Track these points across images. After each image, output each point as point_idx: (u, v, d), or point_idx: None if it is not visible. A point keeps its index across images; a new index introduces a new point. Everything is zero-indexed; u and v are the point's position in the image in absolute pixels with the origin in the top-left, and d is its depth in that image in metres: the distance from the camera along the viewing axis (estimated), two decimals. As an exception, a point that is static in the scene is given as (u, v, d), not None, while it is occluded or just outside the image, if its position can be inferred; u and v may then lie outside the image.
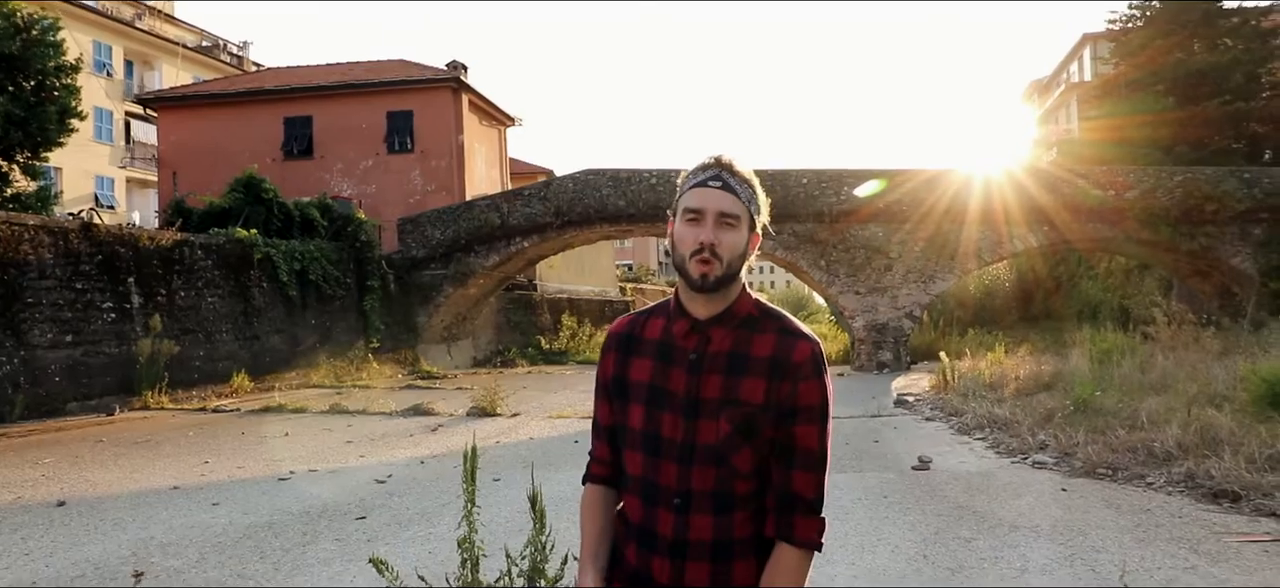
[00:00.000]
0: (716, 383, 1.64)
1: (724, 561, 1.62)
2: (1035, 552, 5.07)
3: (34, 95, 17.24)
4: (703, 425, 1.63)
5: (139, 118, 35.29)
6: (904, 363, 20.90)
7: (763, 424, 1.62)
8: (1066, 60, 49.34)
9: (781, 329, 1.67)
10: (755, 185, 1.70)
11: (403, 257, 23.32)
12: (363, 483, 7.80)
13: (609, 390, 1.78)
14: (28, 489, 7.65)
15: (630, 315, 1.81)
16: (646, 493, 1.68)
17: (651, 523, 1.67)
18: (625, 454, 1.73)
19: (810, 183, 21.69)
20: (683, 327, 1.69)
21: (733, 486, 1.63)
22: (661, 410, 1.67)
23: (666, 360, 1.68)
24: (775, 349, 1.65)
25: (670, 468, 1.65)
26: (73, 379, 13.78)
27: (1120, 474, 6.99)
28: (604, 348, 1.81)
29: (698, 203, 1.65)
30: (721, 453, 1.62)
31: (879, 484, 7.27)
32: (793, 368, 1.63)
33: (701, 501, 1.63)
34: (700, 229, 1.63)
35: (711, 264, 1.62)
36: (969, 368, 14.38)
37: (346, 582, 4.84)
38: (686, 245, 1.64)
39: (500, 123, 32.32)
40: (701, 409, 1.64)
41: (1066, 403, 9.47)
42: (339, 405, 13.74)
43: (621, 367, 1.74)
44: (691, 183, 1.69)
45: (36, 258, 13.53)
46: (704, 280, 1.62)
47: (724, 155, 1.70)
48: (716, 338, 1.66)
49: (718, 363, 1.65)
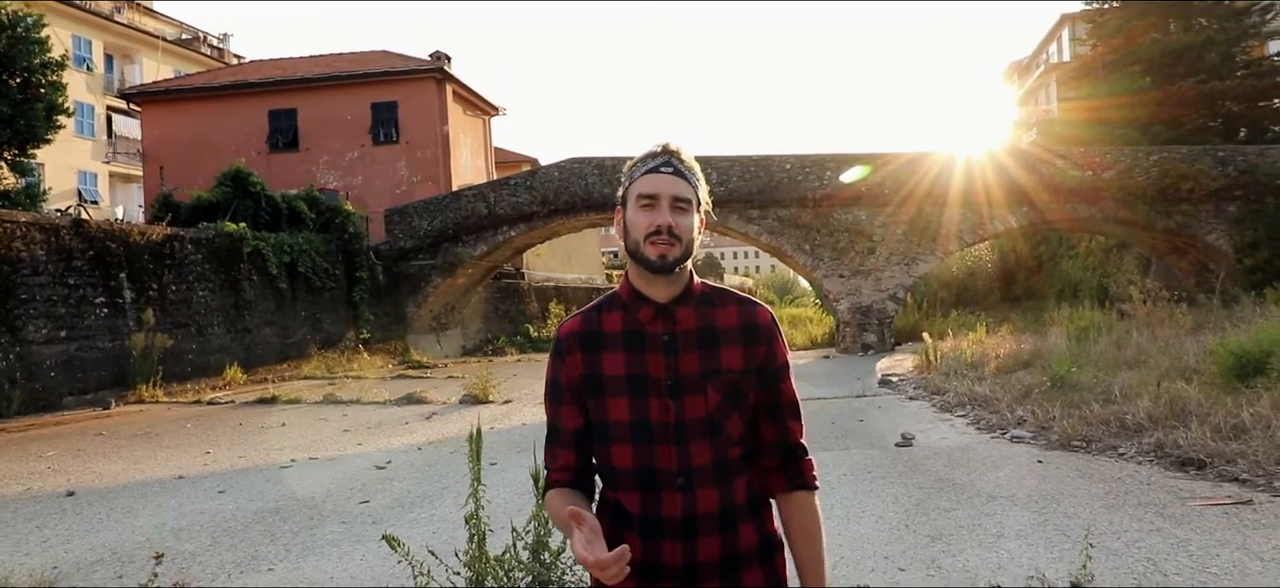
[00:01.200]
0: (694, 359, 1.68)
1: (731, 530, 1.66)
2: (1011, 519, 5.35)
3: (20, 93, 17.23)
4: (689, 402, 1.66)
5: (121, 112, 35.09)
6: (888, 344, 21.24)
7: (747, 388, 1.70)
8: (1045, 41, 49.76)
9: (739, 300, 1.76)
10: (699, 171, 1.76)
11: (391, 248, 23.44)
12: (363, 469, 8.01)
13: (577, 392, 1.74)
14: (36, 481, 7.82)
15: (578, 314, 1.81)
16: (645, 481, 1.67)
17: (655, 509, 1.66)
18: (612, 450, 1.71)
19: (793, 168, 21.95)
20: (648, 313, 1.71)
21: (727, 454, 1.67)
22: (646, 397, 1.68)
23: (639, 348, 1.70)
24: (740, 317, 1.73)
25: (668, 451, 1.66)
26: (68, 374, 13.89)
27: (1094, 446, 7.30)
28: (558, 350, 1.78)
29: (652, 188, 1.68)
30: (715, 423, 1.66)
31: (864, 461, 7.55)
32: (762, 331, 1.73)
33: (704, 475, 1.65)
34: (656, 213, 1.66)
35: (672, 245, 1.66)
36: (951, 348, 14.70)
37: (356, 561, 5.06)
38: (641, 229, 1.67)
39: (484, 112, 32.39)
40: (685, 386, 1.67)
41: (1043, 380, 9.79)
42: (332, 396, 13.91)
43: (590, 364, 1.73)
44: (643, 170, 1.71)
45: (29, 255, 13.60)
46: (662, 260, 1.65)
47: (671, 143, 1.74)
48: (682, 317, 1.71)
49: (691, 340, 1.69)
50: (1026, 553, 4.59)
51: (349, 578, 4.73)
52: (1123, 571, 4.24)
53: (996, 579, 4.07)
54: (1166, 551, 4.54)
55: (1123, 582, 4.06)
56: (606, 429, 1.71)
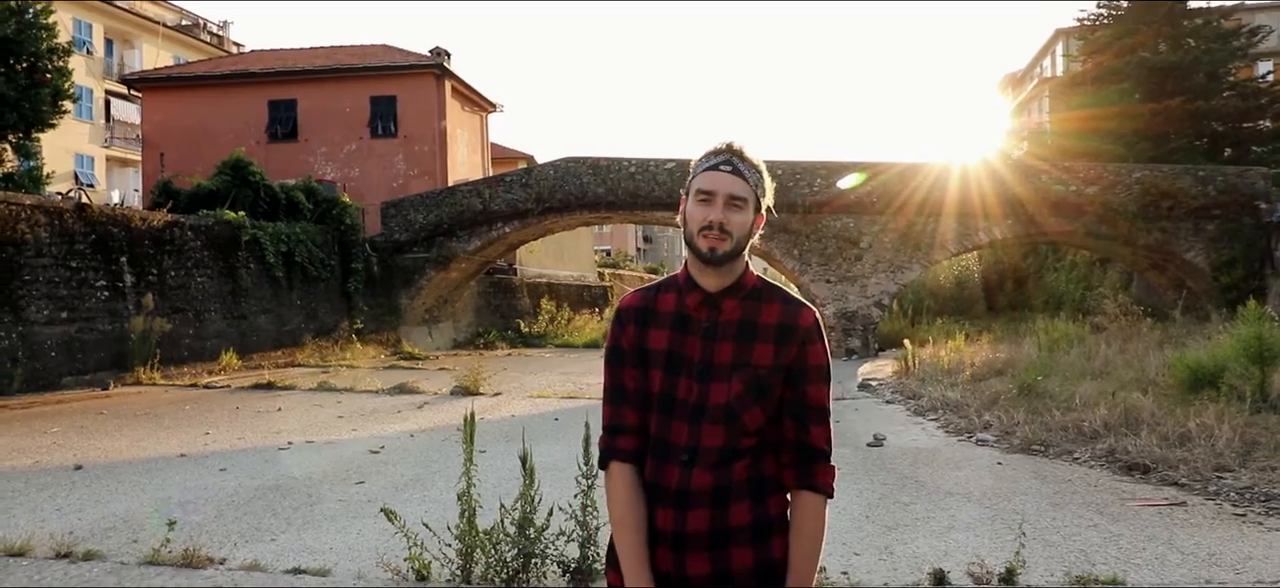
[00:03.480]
0: (728, 349, 1.79)
1: (721, 505, 1.74)
2: (963, 513, 5.76)
3: (26, 77, 17.51)
4: (714, 388, 1.76)
5: (119, 96, 35.30)
6: (872, 350, 21.67)
7: (772, 385, 1.77)
8: (1040, 54, 50.29)
9: (785, 300, 1.84)
10: (763, 171, 1.86)
11: (386, 240, 23.77)
12: (358, 453, 8.37)
13: (634, 356, 1.86)
14: (43, 455, 8.17)
15: (640, 290, 1.94)
16: (658, 451, 1.80)
17: (659, 477, 1.78)
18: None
19: (784, 174, 22.34)
20: (696, 299, 1.83)
21: (738, 441, 1.76)
22: (677, 375, 1.79)
23: (682, 330, 1.82)
24: (782, 317, 1.81)
25: (681, 427, 1.77)
26: (68, 355, 14.20)
27: (1052, 450, 7.72)
28: (619, 320, 1.91)
29: (710, 185, 1.79)
30: (733, 411, 1.75)
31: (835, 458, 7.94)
32: (800, 333, 1.80)
33: (708, 456, 1.75)
34: (710, 209, 1.77)
35: (722, 240, 1.76)
36: (930, 355, 15.13)
37: (353, 535, 5.43)
38: (696, 222, 1.78)
39: (482, 109, 32.72)
40: (714, 373, 1.77)
41: (1011, 388, 10.21)
42: (327, 383, 14.26)
43: (641, 337, 1.85)
44: (704, 166, 1.83)
45: (33, 237, 13.92)
46: (712, 254, 1.76)
47: (735, 142, 1.85)
48: (727, 308, 1.81)
49: (729, 331, 1.80)
50: (972, 543, 5.00)
51: (347, 550, 5.10)
52: (1056, 560, 4.65)
53: (941, 564, 4.46)
54: (1099, 544, 4.95)
55: (1054, 570, 4.46)
56: (646, 398, 1.84)
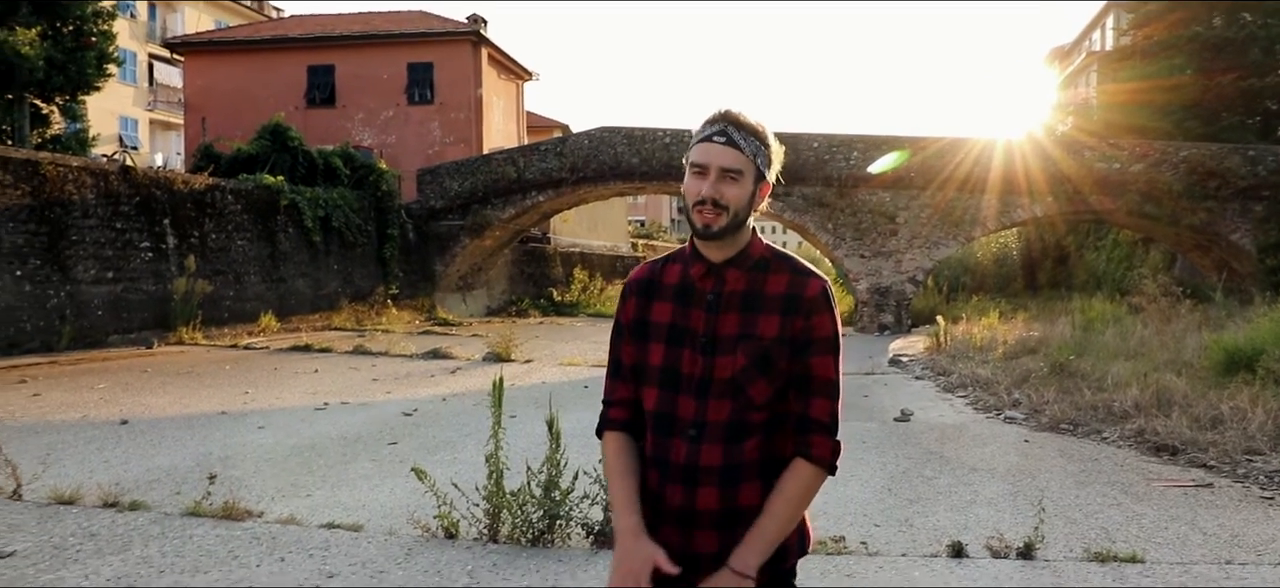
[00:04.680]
0: (733, 321, 1.73)
1: (732, 484, 1.70)
2: (986, 488, 5.78)
3: (72, 40, 17.90)
4: (720, 361, 1.72)
5: (162, 60, 35.90)
6: (905, 326, 21.53)
7: (778, 356, 1.71)
8: (1089, 27, 49.02)
9: (793, 269, 1.77)
10: (764, 136, 1.77)
11: (421, 207, 24.03)
12: (391, 415, 8.57)
13: (631, 332, 1.84)
14: (91, 409, 8.47)
15: (648, 263, 1.91)
16: (662, 426, 1.76)
17: (665, 452, 1.75)
18: (644, 391, 1.81)
19: (821, 147, 22.19)
20: (700, 270, 1.78)
21: (746, 416, 1.71)
22: (681, 347, 1.75)
23: (685, 302, 1.78)
24: (788, 287, 1.74)
25: (688, 401, 1.73)
26: (114, 314, 14.63)
27: (1080, 429, 7.68)
28: (625, 294, 1.89)
29: (702, 158, 1.73)
30: (738, 384, 1.70)
31: (861, 432, 7.97)
32: (805, 303, 1.72)
33: (715, 430, 1.71)
34: (703, 183, 1.71)
35: (717, 215, 1.70)
36: (963, 332, 15.02)
37: (386, 493, 5.60)
38: (691, 197, 1.73)
39: (518, 77, 32.78)
40: (719, 346, 1.72)
41: (1042, 366, 10.13)
42: (362, 347, 14.54)
43: (642, 310, 1.83)
44: (698, 138, 1.76)
45: (80, 198, 14.30)
46: (707, 229, 1.71)
47: (732, 109, 1.76)
48: (731, 279, 1.76)
49: (734, 302, 1.75)
50: (993, 518, 5.02)
51: (379, 507, 5.26)
52: (1076, 536, 4.66)
53: (960, 537, 4.50)
54: (1121, 522, 4.95)
55: (1073, 546, 4.48)
56: (643, 371, 1.80)
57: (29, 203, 13.42)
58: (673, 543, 1.71)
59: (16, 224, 13.20)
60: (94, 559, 4.15)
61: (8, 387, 9.89)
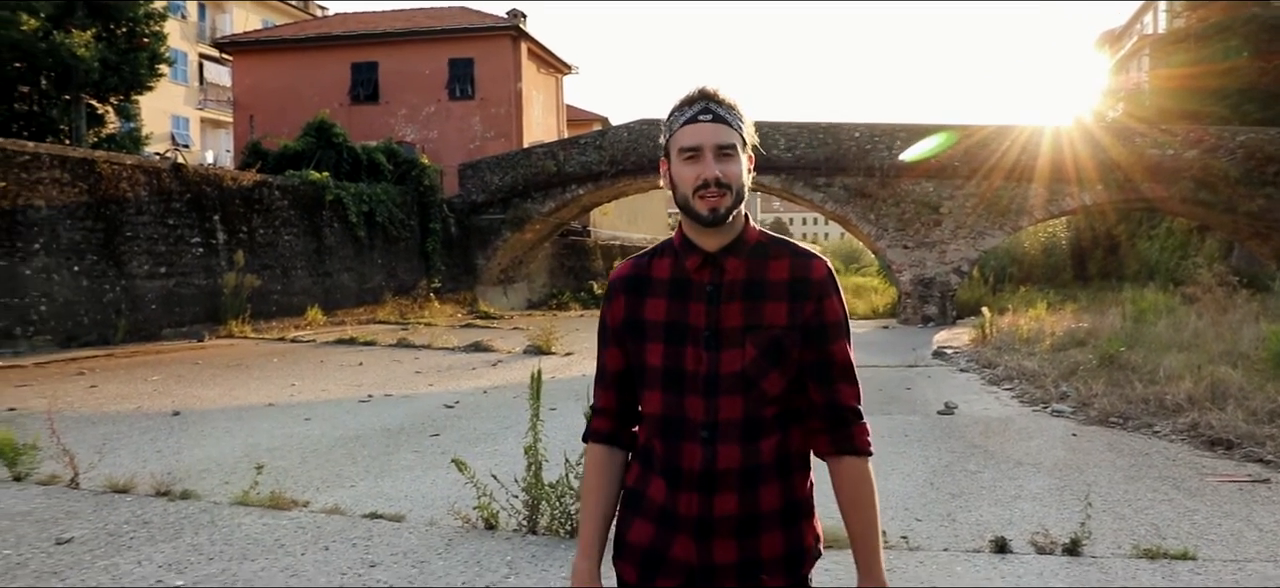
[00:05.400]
0: (737, 310, 1.63)
1: (752, 488, 1.60)
2: (1032, 483, 5.67)
3: (126, 41, 18.38)
4: (726, 355, 1.62)
5: (212, 60, 36.70)
6: (950, 317, 21.21)
7: (790, 345, 1.62)
8: (1141, 10, 47.66)
9: (794, 252, 1.68)
10: (741, 109, 1.67)
11: (463, 201, 24.27)
12: (433, 407, 8.68)
13: (620, 335, 1.73)
14: (145, 401, 8.72)
15: (632, 259, 1.78)
16: (669, 430, 1.64)
17: (676, 458, 1.63)
18: (645, 395, 1.70)
19: (862, 137, 21.92)
20: (695, 261, 1.67)
21: (760, 411, 1.62)
22: (682, 345, 1.64)
23: (682, 296, 1.67)
24: (792, 271, 1.65)
25: (696, 401, 1.62)
26: (166, 308, 15.02)
27: (1130, 423, 7.49)
28: (609, 293, 1.78)
29: (693, 140, 1.62)
30: (750, 378, 1.61)
31: (904, 425, 7.88)
32: (814, 286, 1.64)
33: (730, 430, 1.60)
34: (701, 165, 1.61)
35: (722, 196, 1.61)
36: (1009, 324, 14.75)
37: (428, 484, 5.67)
38: (689, 183, 1.62)
39: (557, 71, 32.89)
40: (723, 339, 1.62)
41: (1091, 358, 9.91)
42: (405, 340, 14.74)
43: (633, 309, 1.71)
44: (682, 120, 1.65)
45: (134, 196, 14.70)
46: (714, 213, 1.61)
47: (707, 86, 1.66)
48: (730, 267, 1.65)
49: (735, 290, 1.64)
50: (1038, 513, 4.93)
51: (421, 497, 5.34)
52: (1125, 532, 4.55)
53: (1004, 532, 4.42)
54: (1172, 519, 4.82)
55: (1122, 542, 4.37)
56: (643, 374, 1.69)
57: (86, 201, 13.83)
58: (689, 557, 1.61)
59: (74, 221, 13.61)
60: (147, 546, 4.27)
61: (67, 379, 10.22)
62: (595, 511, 1.75)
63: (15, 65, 17.10)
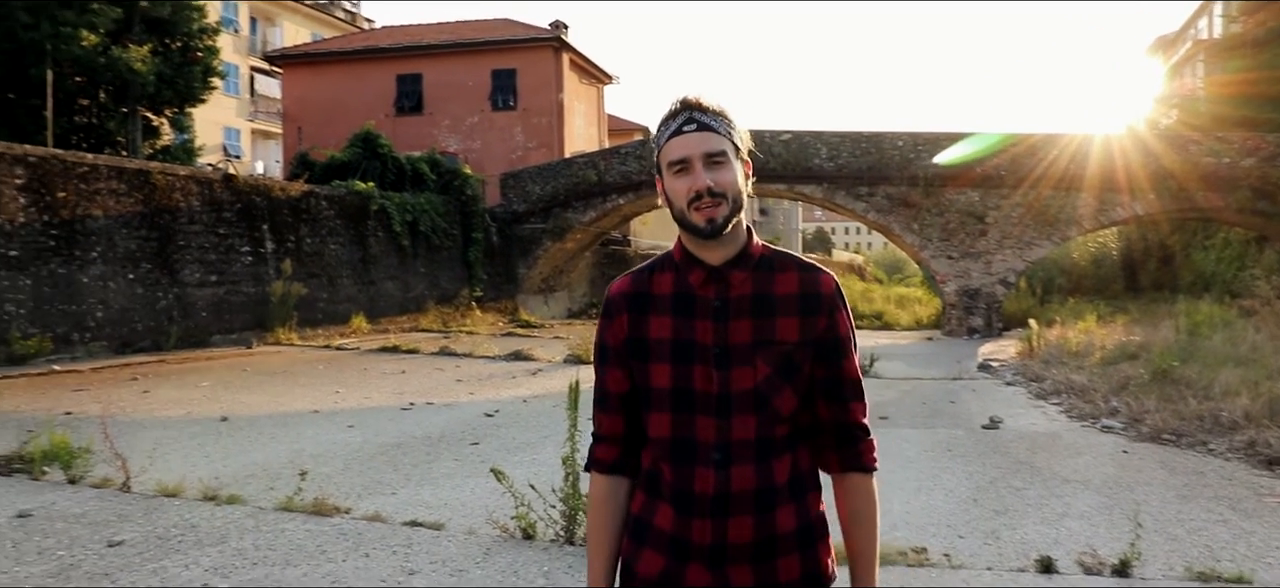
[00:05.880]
0: (746, 327, 1.59)
1: (767, 510, 1.56)
2: (1079, 501, 5.53)
3: (180, 56, 18.92)
4: (737, 373, 1.57)
5: (262, 72, 37.54)
6: (996, 329, 20.84)
7: (802, 361, 1.59)
8: (1195, 15, 46.44)
9: (800, 266, 1.64)
10: (729, 114, 1.63)
11: (505, 211, 24.49)
12: (474, 416, 8.75)
13: (623, 354, 1.66)
14: (194, 407, 8.92)
15: (630, 274, 1.72)
16: (680, 453, 1.58)
17: (687, 483, 1.57)
18: (652, 418, 1.63)
19: (906, 146, 21.69)
20: (699, 276, 1.61)
21: (773, 431, 1.58)
22: (691, 364, 1.59)
23: (687, 313, 1.61)
24: (801, 285, 1.62)
25: (707, 422, 1.57)
26: (217, 315, 15.38)
27: (1184, 440, 7.28)
28: (610, 310, 1.69)
29: (680, 152, 1.59)
30: (762, 396, 1.57)
31: (947, 440, 7.75)
32: (825, 301, 1.61)
33: (743, 451, 1.56)
34: (692, 176, 1.57)
35: (717, 205, 1.56)
36: (1057, 336, 14.44)
37: (467, 492, 5.72)
38: (682, 196, 1.58)
39: (599, 81, 33.07)
40: (733, 356, 1.58)
41: (1143, 372, 9.65)
42: (447, 348, 14.90)
43: (636, 327, 1.64)
44: (667, 134, 1.61)
45: (186, 205, 15.09)
46: (711, 225, 1.56)
47: (690, 96, 1.63)
48: (737, 282, 1.61)
49: (744, 306, 1.60)
50: (1085, 532, 4.80)
51: (460, 506, 5.38)
52: (1177, 554, 4.41)
53: (1050, 552, 4.32)
54: (1227, 540, 4.67)
55: (1173, 564, 4.25)
56: (649, 396, 1.63)
57: (141, 210, 14.24)
58: (704, 585, 1.57)
59: (130, 230, 14.02)
60: (194, 550, 4.36)
61: (121, 383, 10.50)
62: (605, 546, 1.69)
63: (76, 80, 17.70)
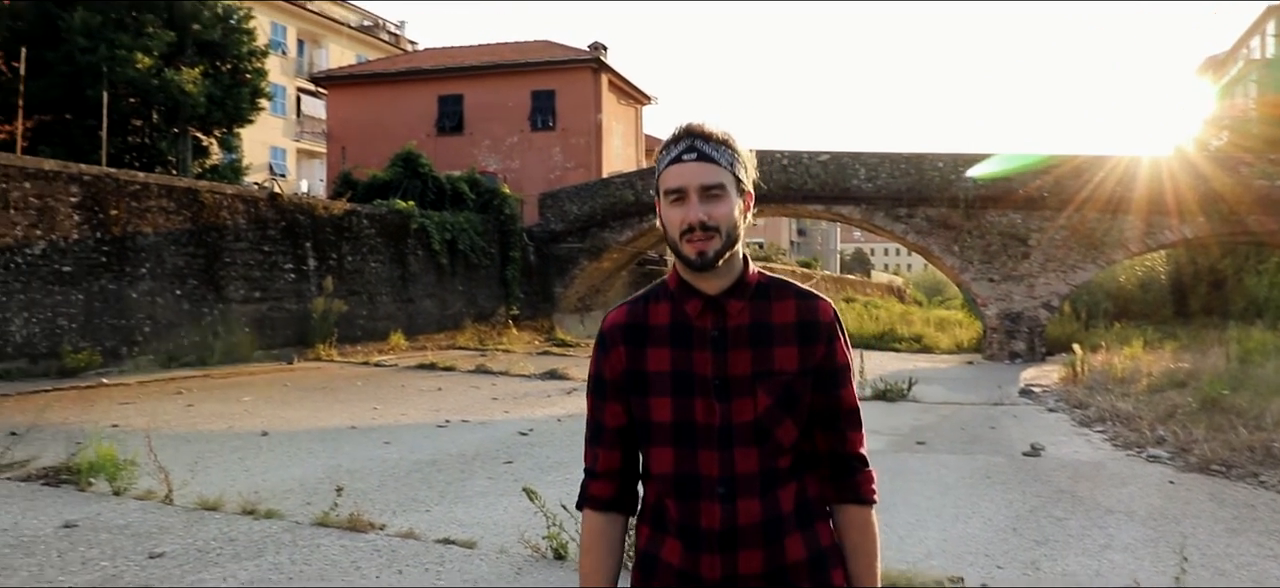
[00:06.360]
0: (745, 357, 1.57)
1: (776, 541, 1.54)
2: (1123, 533, 5.39)
3: (230, 78, 19.43)
4: (738, 405, 1.55)
5: (308, 93, 38.38)
6: (1038, 354, 20.44)
7: (802, 391, 1.57)
8: (1247, 34, 45.48)
9: (798, 294, 1.62)
10: (734, 144, 1.59)
11: (542, 230, 24.67)
12: (508, 434, 8.80)
13: (620, 388, 1.63)
14: (236, 421, 9.09)
15: (625, 304, 1.69)
16: (684, 488, 1.56)
17: (693, 518, 1.55)
18: (653, 452, 1.60)
19: (946, 167, 21.46)
20: (696, 306, 1.59)
21: (776, 462, 1.56)
22: (691, 397, 1.56)
23: (685, 344, 1.58)
24: (799, 313, 1.60)
25: (710, 456, 1.55)
26: (259, 331, 15.67)
27: (1234, 472, 7.06)
28: (602, 342, 1.66)
29: (677, 181, 1.56)
30: (764, 428, 1.55)
31: (986, 466, 7.61)
32: (823, 330, 1.60)
33: (748, 483, 1.54)
34: (686, 208, 1.54)
35: (709, 239, 1.54)
36: (1102, 362, 14.13)
37: (500, 511, 5.74)
38: (675, 227, 1.56)
39: (637, 101, 33.24)
40: (733, 388, 1.56)
41: (1191, 401, 9.40)
42: (484, 366, 15.01)
43: (634, 359, 1.61)
44: (666, 161, 1.58)
45: (233, 223, 15.44)
46: (702, 258, 1.54)
47: (694, 122, 1.59)
48: (734, 311, 1.58)
49: (742, 337, 1.58)
50: (1129, 564, 4.68)
51: (493, 524, 5.40)
52: (1225, 590, 4.28)
53: (1093, 584, 4.22)
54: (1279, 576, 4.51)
55: (1221, 600, 4.12)
56: (648, 430, 1.60)
57: (189, 228, 14.60)
58: None
59: (178, 247, 14.37)
60: (232, 563, 4.43)
61: (166, 397, 10.74)
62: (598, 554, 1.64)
63: (130, 101, 18.26)
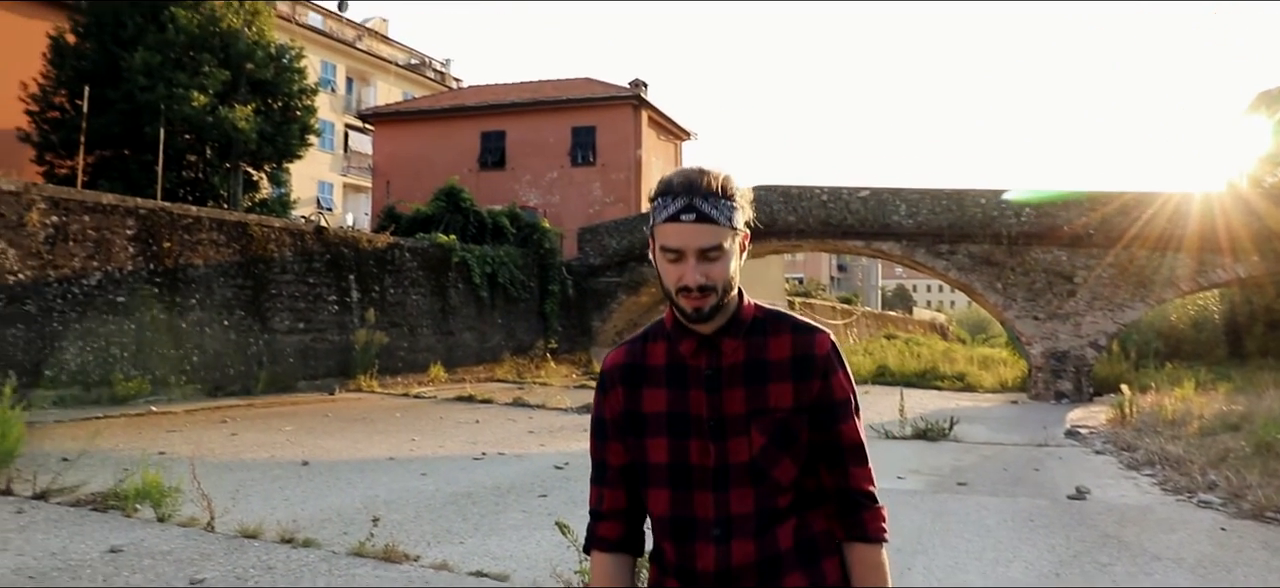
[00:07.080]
0: (739, 396, 1.55)
1: (773, 579, 1.52)
2: (1171, 581, 5.22)
3: (281, 115, 20.01)
4: (733, 444, 1.53)
5: (355, 129, 39.29)
6: (1086, 394, 19.98)
7: (798, 428, 1.55)
8: (1300, 71, 44.37)
9: (795, 327, 1.59)
10: (730, 191, 1.55)
11: (581, 264, 24.85)
12: (544, 468, 8.82)
13: (620, 428, 1.62)
14: (278, 450, 9.25)
15: (625, 344, 1.68)
16: (680, 531, 1.56)
17: (690, 560, 1.54)
18: (650, 494, 1.60)
19: (988, 203, 21.22)
20: (690, 345, 1.57)
21: (774, 502, 1.54)
22: (686, 438, 1.55)
23: (680, 384, 1.57)
24: (794, 348, 1.57)
25: (705, 498, 1.54)
26: (303, 361, 15.96)
27: (1290, 519, 6.82)
28: (604, 384, 1.66)
29: (675, 242, 1.51)
30: (760, 468, 1.53)
31: (1029, 509, 7.44)
32: (819, 363, 1.56)
33: (743, 525, 1.52)
34: (682, 269, 1.51)
35: (705, 297, 1.51)
36: (1152, 403, 13.76)
37: (533, 545, 5.75)
38: (671, 281, 1.53)
39: (676, 137, 33.48)
40: (728, 427, 1.54)
41: (1245, 445, 9.10)
42: (521, 399, 15.09)
43: (631, 400, 1.61)
44: (663, 216, 1.53)
45: (279, 256, 15.81)
46: (698, 313, 1.52)
47: (692, 173, 1.54)
48: (728, 349, 1.56)
49: (736, 375, 1.56)
50: (1177, 615, 4.53)
51: (525, 558, 5.41)
52: (1278, 644, 4.12)
53: (1136, 634, 4.09)
54: (1336, 631, 4.34)
55: (1274, 654, 3.97)
56: (645, 471, 1.60)
57: (238, 260, 14.98)
58: None
59: (227, 279, 14.75)
60: (268, 591, 4.50)
61: (211, 426, 10.97)
62: None
63: (185, 137, 18.88)
